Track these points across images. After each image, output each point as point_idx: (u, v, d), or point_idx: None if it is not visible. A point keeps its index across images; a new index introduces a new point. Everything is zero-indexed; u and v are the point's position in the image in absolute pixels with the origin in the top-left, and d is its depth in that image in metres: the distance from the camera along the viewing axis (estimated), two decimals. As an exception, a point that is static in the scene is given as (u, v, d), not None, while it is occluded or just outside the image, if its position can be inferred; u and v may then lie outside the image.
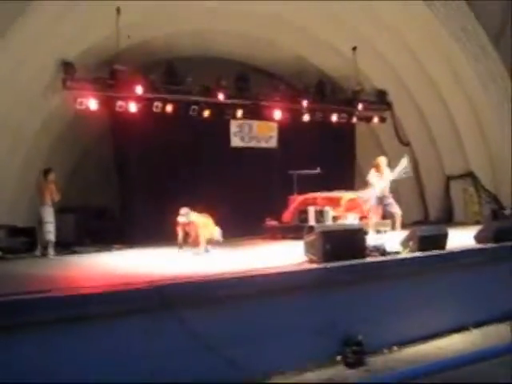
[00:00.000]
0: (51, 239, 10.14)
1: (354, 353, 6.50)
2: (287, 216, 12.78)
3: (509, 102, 14.32)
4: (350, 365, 6.46)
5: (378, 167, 10.64)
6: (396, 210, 10.82)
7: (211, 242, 9.74)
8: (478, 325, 7.90)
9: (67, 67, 11.35)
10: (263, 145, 14.77)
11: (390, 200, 10.75)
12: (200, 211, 9.81)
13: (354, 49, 14.05)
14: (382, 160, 10.73)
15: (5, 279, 7.15)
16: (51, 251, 10.09)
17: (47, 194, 10.21)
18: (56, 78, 11.40)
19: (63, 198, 11.35)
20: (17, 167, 11.37)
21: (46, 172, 10.43)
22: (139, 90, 12.05)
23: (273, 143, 14.89)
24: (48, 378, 4.90)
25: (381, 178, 10.58)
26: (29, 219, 11.67)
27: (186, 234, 9.65)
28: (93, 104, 11.75)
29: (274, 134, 14.85)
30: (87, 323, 5.25)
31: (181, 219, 9.48)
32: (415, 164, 16.14)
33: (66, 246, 11.04)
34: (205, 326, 5.80)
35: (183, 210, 9.51)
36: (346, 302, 6.94)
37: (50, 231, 10.11)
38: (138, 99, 12.21)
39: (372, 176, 10.65)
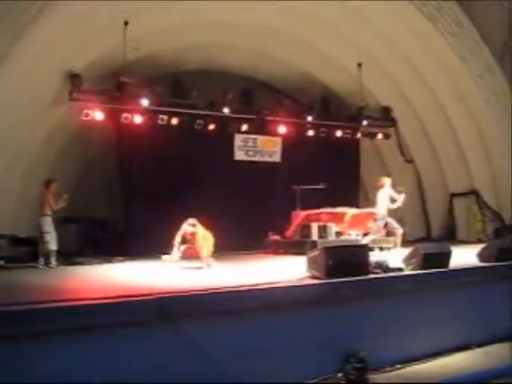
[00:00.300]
0: (52, 249, 10.15)
1: (356, 369, 6.45)
2: (290, 231, 12.76)
3: (509, 117, 14.32)
4: (351, 382, 6.41)
5: (382, 187, 10.86)
6: (397, 227, 11.00)
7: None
8: (481, 344, 7.84)
9: (74, 79, 11.45)
10: (267, 159, 14.80)
11: (390, 219, 11.02)
12: (203, 225, 9.78)
13: (359, 65, 14.11)
14: (387, 181, 11.02)
15: (7, 288, 7.13)
16: (53, 261, 10.09)
17: (47, 204, 10.25)
18: (63, 90, 11.48)
19: (67, 209, 11.37)
20: (20, 178, 11.41)
21: (48, 183, 10.47)
22: (145, 102, 12.12)
23: (277, 158, 14.92)
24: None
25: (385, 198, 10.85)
26: (31, 229, 11.67)
27: (183, 243, 9.57)
28: (98, 115, 11.81)
29: (278, 148, 14.90)
30: (88, 334, 5.24)
31: (188, 228, 9.43)
32: (419, 181, 16.18)
33: (67, 256, 11.03)
34: (205, 340, 5.77)
35: (192, 220, 9.46)
36: (348, 318, 6.89)
37: (49, 241, 10.12)
38: (144, 112, 12.28)
39: (381, 196, 10.90)
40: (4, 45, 9.74)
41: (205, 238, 9.54)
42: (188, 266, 9.36)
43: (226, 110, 13.33)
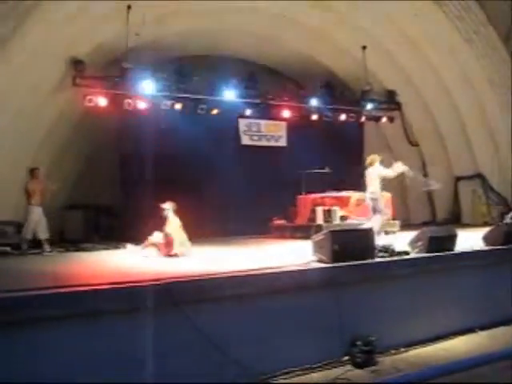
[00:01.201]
0: (42, 237, 10.25)
1: (363, 352, 6.48)
2: (301, 217, 12.74)
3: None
4: (357, 365, 6.45)
5: (372, 165, 10.31)
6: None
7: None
8: (485, 327, 7.86)
9: (77, 64, 11.42)
10: (272, 143, 14.78)
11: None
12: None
13: (364, 48, 14.00)
14: (376, 158, 10.39)
15: (13, 274, 7.18)
16: (47, 248, 10.19)
17: (33, 193, 10.31)
18: (66, 76, 11.45)
19: (72, 196, 11.43)
20: (25, 165, 11.40)
21: (32, 171, 10.52)
22: (148, 88, 12.07)
23: (282, 142, 14.90)
24: (54, 374, 4.92)
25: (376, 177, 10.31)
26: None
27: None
28: (102, 101, 11.79)
29: (283, 133, 14.86)
30: (95, 320, 5.27)
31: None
32: (423, 165, 16.13)
33: (74, 242, 11.09)
34: (212, 325, 5.80)
35: (166, 204, 9.16)
36: (354, 302, 6.91)
37: (25, 231, 10.21)
38: (147, 97, 12.24)
39: (371, 174, 10.31)
40: (7, 30, 9.70)
41: (175, 230, 9.08)
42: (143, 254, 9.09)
43: (229, 95, 13.28)
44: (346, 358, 6.57)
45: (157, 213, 9.42)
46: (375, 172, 10.19)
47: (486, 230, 9.49)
